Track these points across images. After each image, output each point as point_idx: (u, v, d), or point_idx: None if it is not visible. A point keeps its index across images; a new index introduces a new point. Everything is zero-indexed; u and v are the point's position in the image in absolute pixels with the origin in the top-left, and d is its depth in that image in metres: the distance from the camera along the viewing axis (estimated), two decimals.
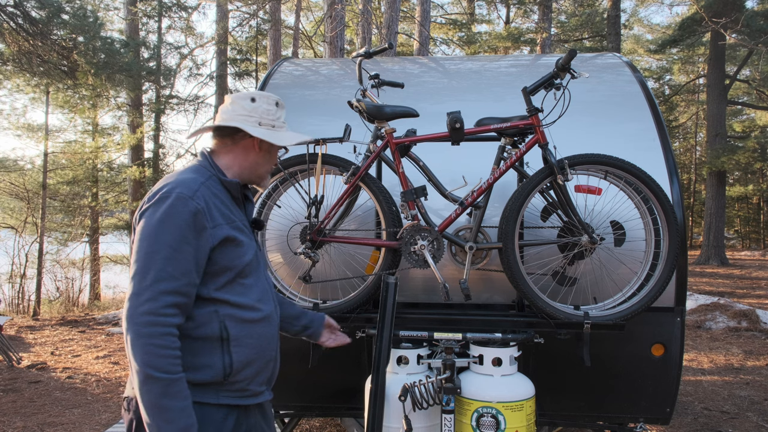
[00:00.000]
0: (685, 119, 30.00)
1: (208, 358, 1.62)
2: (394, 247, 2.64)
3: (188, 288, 1.56)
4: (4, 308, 11.47)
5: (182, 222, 1.55)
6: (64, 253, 14.61)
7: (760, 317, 8.43)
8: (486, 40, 18.16)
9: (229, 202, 1.73)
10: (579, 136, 2.97)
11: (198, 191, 1.61)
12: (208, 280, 1.64)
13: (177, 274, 1.53)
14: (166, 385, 1.48)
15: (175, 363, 1.50)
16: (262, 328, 1.72)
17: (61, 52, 8.48)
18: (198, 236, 1.57)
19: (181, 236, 1.54)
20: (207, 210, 1.61)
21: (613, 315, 2.58)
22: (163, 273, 1.51)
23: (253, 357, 1.69)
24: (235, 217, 1.72)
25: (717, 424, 4.65)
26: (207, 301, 1.64)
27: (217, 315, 1.63)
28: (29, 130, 15.04)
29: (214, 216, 1.63)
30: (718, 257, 18.26)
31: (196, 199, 1.59)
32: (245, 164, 1.80)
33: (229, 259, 1.65)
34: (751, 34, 15.57)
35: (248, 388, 1.71)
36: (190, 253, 1.55)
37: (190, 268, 1.56)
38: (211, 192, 1.66)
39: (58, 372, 6.32)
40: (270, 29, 14.62)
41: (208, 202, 1.62)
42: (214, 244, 1.61)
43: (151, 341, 1.47)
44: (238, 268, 1.67)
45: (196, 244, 1.57)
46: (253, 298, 1.71)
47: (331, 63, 4.36)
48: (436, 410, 2.40)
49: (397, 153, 2.67)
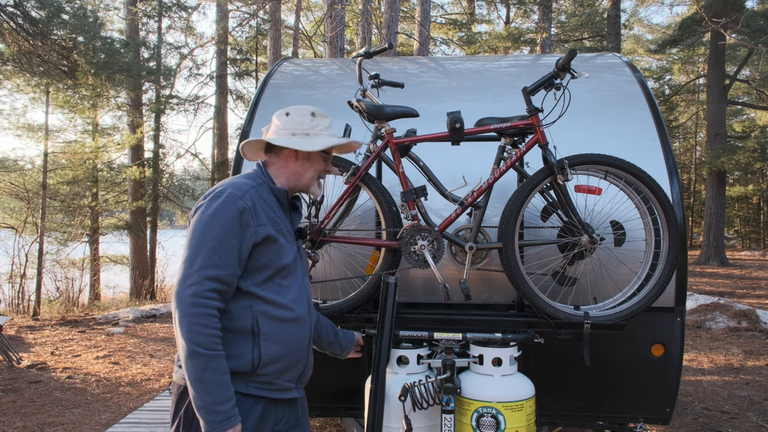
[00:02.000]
0: (685, 119, 30.00)
1: (239, 349, 1.76)
2: (394, 247, 2.64)
3: (230, 277, 1.72)
4: (4, 308, 11.47)
5: (230, 218, 1.73)
6: (64, 253, 14.60)
7: (760, 317, 8.43)
8: (486, 40, 18.16)
9: (276, 208, 1.89)
10: (579, 136, 2.97)
11: (247, 192, 1.79)
12: (248, 275, 1.79)
13: (221, 263, 1.70)
14: (208, 360, 1.64)
15: (215, 341, 1.66)
16: (293, 328, 1.84)
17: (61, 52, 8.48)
18: (243, 232, 1.74)
19: (228, 230, 1.72)
20: (253, 210, 1.77)
21: (613, 315, 2.58)
22: (209, 261, 1.69)
23: (282, 353, 1.81)
24: (280, 221, 1.87)
25: (717, 424, 4.65)
26: (244, 294, 1.78)
27: (251, 310, 1.78)
28: (29, 130, 15.03)
29: (260, 216, 1.79)
30: (718, 257, 18.27)
31: (244, 199, 1.76)
32: (288, 173, 1.96)
33: (269, 258, 1.80)
34: (751, 34, 15.57)
35: (275, 382, 1.82)
36: (235, 246, 1.72)
37: (234, 260, 1.72)
38: (259, 196, 1.83)
39: (58, 372, 6.32)
40: (270, 29, 14.62)
41: (255, 203, 1.79)
42: (257, 241, 1.77)
43: (195, 320, 1.64)
44: (276, 267, 1.82)
45: (240, 238, 1.73)
46: (288, 298, 1.84)
47: (331, 63, 4.36)
48: (436, 410, 2.40)
49: (397, 153, 2.67)
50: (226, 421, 1.65)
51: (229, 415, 1.66)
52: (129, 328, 9.07)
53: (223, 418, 1.64)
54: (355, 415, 3.26)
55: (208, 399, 1.64)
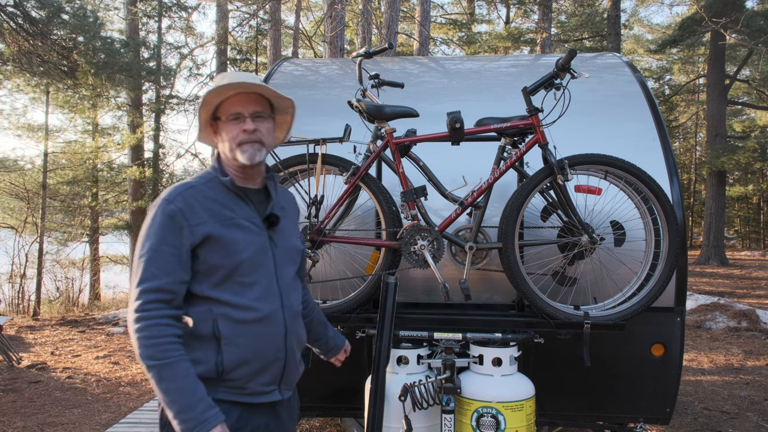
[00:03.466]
0: (685, 119, 29.99)
1: (203, 354, 1.69)
2: (394, 247, 2.64)
3: (172, 285, 1.65)
4: (4, 308, 11.47)
5: (161, 225, 1.67)
6: (64, 253, 14.60)
7: (760, 317, 8.43)
8: (486, 40, 18.15)
9: (229, 200, 1.77)
10: (579, 136, 2.97)
11: (180, 194, 1.70)
12: (202, 279, 1.71)
13: (159, 273, 1.63)
14: (160, 370, 1.58)
15: (164, 349, 1.59)
16: (258, 329, 1.72)
17: (61, 52, 8.48)
18: (178, 235, 1.67)
19: (161, 238, 1.66)
20: (187, 210, 1.68)
21: (613, 315, 2.58)
22: (146, 273, 1.64)
23: (248, 357, 1.71)
24: (234, 214, 1.75)
25: (717, 424, 4.65)
26: (201, 299, 1.70)
27: (211, 313, 1.70)
28: (29, 130, 15.03)
29: (198, 216, 1.69)
30: (718, 257, 18.26)
31: (174, 202, 1.68)
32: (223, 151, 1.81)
33: (219, 257, 1.70)
34: (751, 34, 15.57)
35: (247, 386, 1.72)
36: (171, 253, 1.65)
37: (173, 266, 1.65)
38: (200, 194, 1.73)
39: (58, 372, 6.32)
40: (270, 29, 14.62)
41: (191, 203, 1.70)
42: (195, 242, 1.68)
43: (141, 334, 1.60)
44: (231, 265, 1.70)
45: (177, 243, 1.66)
46: (251, 297, 1.72)
47: (331, 63, 4.36)
48: (436, 410, 2.40)
49: (397, 153, 2.67)
50: (198, 426, 1.56)
51: (201, 420, 1.57)
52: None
53: (194, 424, 1.56)
54: (355, 415, 3.25)
55: (174, 408, 1.57)
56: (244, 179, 1.83)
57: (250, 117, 1.77)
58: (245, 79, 1.76)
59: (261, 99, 1.82)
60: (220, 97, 1.78)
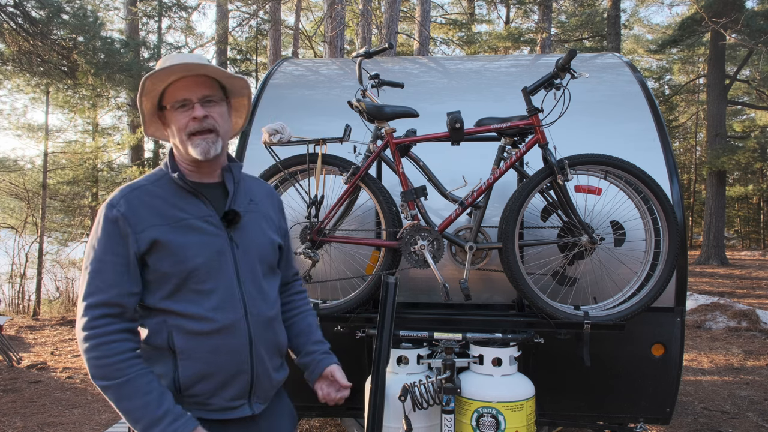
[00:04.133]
0: (685, 119, 29.99)
1: (163, 368, 1.56)
2: (394, 247, 2.64)
3: (119, 297, 1.50)
4: (4, 308, 11.47)
5: (105, 233, 1.52)
6: (64, 253, 14.59)
7: (760, 317, 8.43)
8: (486, 40, 18.15)
9: (179, 200, 1.59)
10: (579, 136, 2.96)
11: (123, 197, 1.55)
12: (154, 288, 1.55)
13: (104, 286, 1.49)
14: (117, 390, 1.47)
15: (118, 368, 1.46)
16: (217, 341, 1.55)
17: (61, 52, 8.48)
18: (124, 243, 1.51)
19: (104, 247, 1.51)
20: (131, 215, 1.52)
21: (613, 315, 2.58)
22: (90, 288, 1.50)
23: (206, 371, 1.55)
24: (186, 214, 1.58)
25: (717, 424, 4.65)
26: (155, 311, 1.56)
27: (166, 325, 1.55)
28: (29, 130, 15.03)
29: (142, 220, 1.52)
30: (718, 257, 18.26)
31: (117, 206, 1.53)
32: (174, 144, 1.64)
33: (168, 264, 1.53)
34: (751, 34, 15.56)
35: (209, 402, 1.58)
36: (117, 263, 1.51)
37: (119, 278, 1.50)
38: (146, 194, 1.57)
39: (58, 372, 6.31)
40: (270, 29, 14.62)
41: (134, 206, 1.54)
42: (140, 250, 1.52)
43: (90, 354, 1.47)
44: (183, 272, 1.53)
45: (123, 252, 1.51)
46: (207, 306, 1.55)
47: (331, 63, 4.36)
48: (436, 410, 2.40)
49: (397, 153, 2.67)
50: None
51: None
52: None
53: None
54: (355, 415, 3.25)
55: (139, 427, 1.46)
56: (200, 174, 1.66)
57: (198, 102, 1.57)
58: (187, 59, 1.56)
59: (209, 81, 1.61)
60: (162, 82, 1.58)
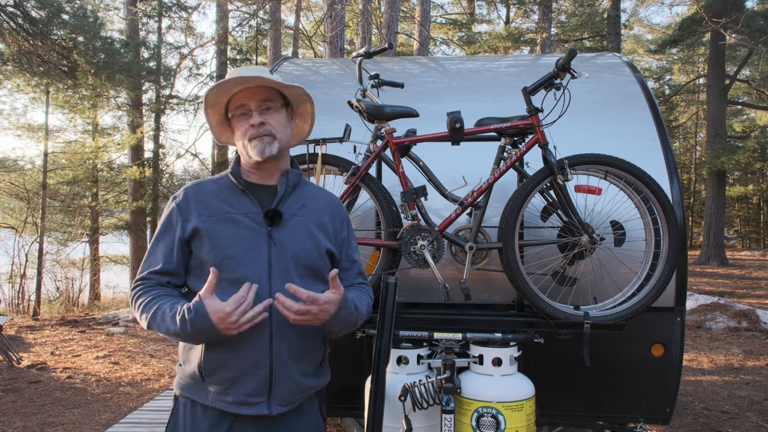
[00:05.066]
0: (685, 119, 29.99)
1: (194, 353, 1.72)
2: (394, 247, 2.64)
3: (167, 267, 1.73)
4: (4, 308, 11.47)
5: (166, 218, 1.78)
6: (64, 253, 14.61)
7: (760, 317, 8.43)
8: (486, 40, 18.15)
9: (229, 195, 1.77)
10: (579, 136, 2.96)
11: (184, 190, 1.79)
12: (198, 274, 1.73)
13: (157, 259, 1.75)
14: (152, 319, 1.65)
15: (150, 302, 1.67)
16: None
17: (61, 52, 8.48)
18: (175, 228, 1.75)
19: (163, 229, 1.77)
20: (185, 205, 1.75)
21: (613, 315, 2.58)
22: (149, 259, 1.77)
23: (225, 360, 1.64)
24: (231, 208, 1.74)
25: (717, 424, 4.65)
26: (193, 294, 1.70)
27: None
28: (29, 130, 15.04)
29: (191, 210, 1.74)
30: (718, 257, 18.26)
31: (178, 197, 1.78)
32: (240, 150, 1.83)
33: (205, 251, 1.70)
34: (751, 34, 15.57)
35: (228, 393, 1.65)
36: (167, 244, 1.75)
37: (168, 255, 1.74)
38: (203, 189, 1.79)
39: (58, 372, 6.32)
40: (270, 29, 14.61)
41: (190, 197, 1.76)
42: (184, 235, 1.73)
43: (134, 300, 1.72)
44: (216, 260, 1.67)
45: (173, 235, 1.75)
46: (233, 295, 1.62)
47: (331, 63, 4.36)
48: (436, 410, 2.40)
49: (397, 153, 2.67)
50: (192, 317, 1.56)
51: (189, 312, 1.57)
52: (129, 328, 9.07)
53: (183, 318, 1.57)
54: (355, 415, 3.25)
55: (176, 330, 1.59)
56: (260, 175, 1.81)
57: (256, 110, 1.75)
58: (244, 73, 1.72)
59: (269, 90, 1.79)
60: (224, 95, 1.78)
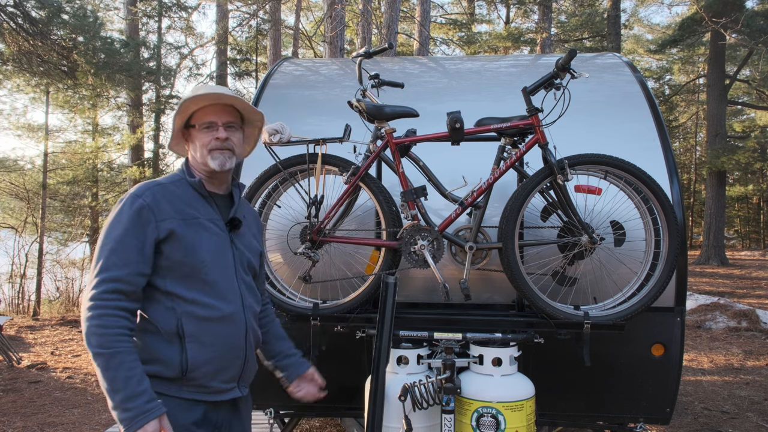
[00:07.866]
0: (685, 119, 29.98)
1: (167, 353, 1.72)
2: (394, 247, 2.63)
3: (131, 276, 1.69)
4: (4, 308, 11.46)
5: (128, 218, 1.72)
6: (64, 253, 14.59)
7: (760, 317, 8.43)
8: (486, 40, 18.15)
9: (194, 200, 1.84)
10: (579, 136, 2.96)
11: (148, 190, 1.78)
12: (167, 274, 1.75)
13: (120, 263, 1.68)
14: (108, 359, 1.61)
15: (115, 339, 1.62)
16: (221, 327, 1.78)
17: (61, 52, 8.48)
18: (144, 229, 1.72)
19: (126, 230, 1.71)
20: (154, 206, 1.75)
21: (613, 315, 2.58)
22: (107, 263, 1.68)
23: (211, 355, 1.76)
24: (198, 213, 1.82)
25: (717, 424, 4.65)
26: (166, 295, 1.75)
27: (175, 312, 1.74)
28: (29, 130, 15.04)
29: (164, 211, 1.75)
30: (718, 257, 18.26)
31: (143, 197, 1.76)
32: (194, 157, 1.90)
33: (181, 254, 1.75)
34: (751, 34, 15.57)
35: (210, 384, 1.77)
36: (135, 245, 1.70)
37: (134, 258, 1.70)
38: (168, 192, 1.80)
39: (58, 372, 6.32)
40: (270, 29, 14.61)
41: (158, 199, 1.77)
42: (160, 237, 1.73)
43: (92, 322, 1.63)
44: (192, 263, 1.75)
45: (142, 236, 1.71)
46: (214, 296, 1.78)
47: (331, 63, 4.36)
48: (436, 410, 2.40)
49: (397, 153, 2.67)
50: (140, 416, 1.58)
51: (143, 410, 1.58)
52: None
53: (136, 413, 1.58)
54: (355, 415, 3.25)
55: (117, 398, 1.59)
56: (211, 184, 1.91)
57: (222, 126, 1.87)
58: (221, 91, 1.88)
59: (233, 111, 1.93)
60: (195, 105, 1.88)
